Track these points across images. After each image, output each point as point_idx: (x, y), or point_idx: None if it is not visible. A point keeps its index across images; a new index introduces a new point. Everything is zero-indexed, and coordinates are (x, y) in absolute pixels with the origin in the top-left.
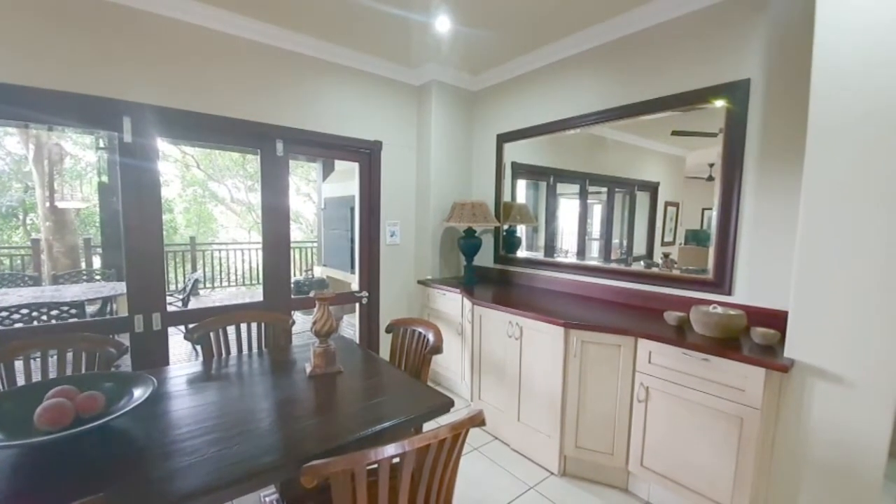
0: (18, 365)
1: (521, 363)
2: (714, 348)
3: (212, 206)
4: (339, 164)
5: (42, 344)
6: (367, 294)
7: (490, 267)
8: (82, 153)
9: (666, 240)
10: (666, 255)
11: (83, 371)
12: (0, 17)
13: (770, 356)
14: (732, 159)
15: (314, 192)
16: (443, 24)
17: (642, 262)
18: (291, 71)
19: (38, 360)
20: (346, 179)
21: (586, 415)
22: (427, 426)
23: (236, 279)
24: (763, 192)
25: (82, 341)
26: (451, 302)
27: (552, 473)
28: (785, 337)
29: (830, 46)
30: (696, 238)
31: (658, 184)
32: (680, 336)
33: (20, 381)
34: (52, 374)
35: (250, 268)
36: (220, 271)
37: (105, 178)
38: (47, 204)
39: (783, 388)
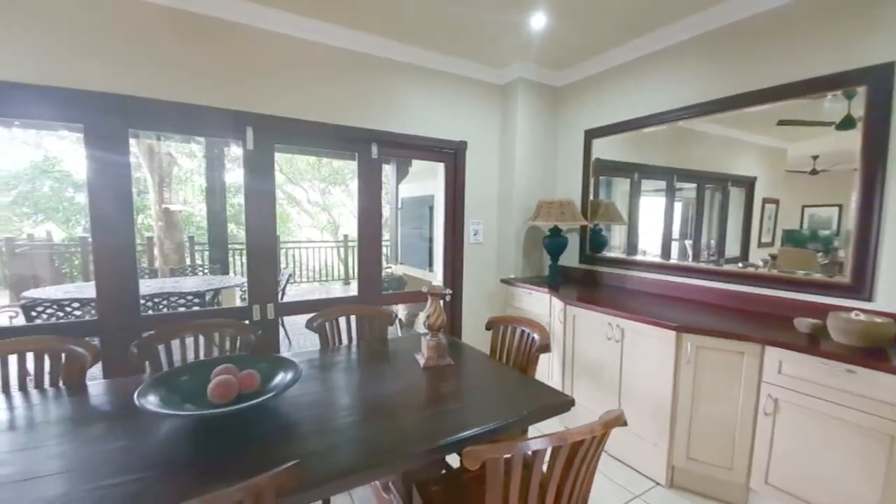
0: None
1: (622, 366)
2: (861, 359)
3: (289, 207)
4: (416, 165)
5: (195, 328)
6: (450, 291)
7: (574, 266)
8: (181, 160)
9: (763, 240)
10: (773, 257)
11: (227, 353)
12: (138, 38)
13: None
14: (874, 150)
15: (383, 191)
16: (538, 21)
17: (739, 264)
18: (384, 77)
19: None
20: (423, 179)
21: (700, 425)
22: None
23: (312, 275)
24: None
25: (228, 327)
26: (538, 301)
27: (658, 483)
28: None
29: None
30: (792, 239)
31: (755, 179)
32: (814, 344)
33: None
34: (199, 356)
35: (325, 265)
36: (298, 268)
37: (205, 183)
38: (158, 206)
39: None
